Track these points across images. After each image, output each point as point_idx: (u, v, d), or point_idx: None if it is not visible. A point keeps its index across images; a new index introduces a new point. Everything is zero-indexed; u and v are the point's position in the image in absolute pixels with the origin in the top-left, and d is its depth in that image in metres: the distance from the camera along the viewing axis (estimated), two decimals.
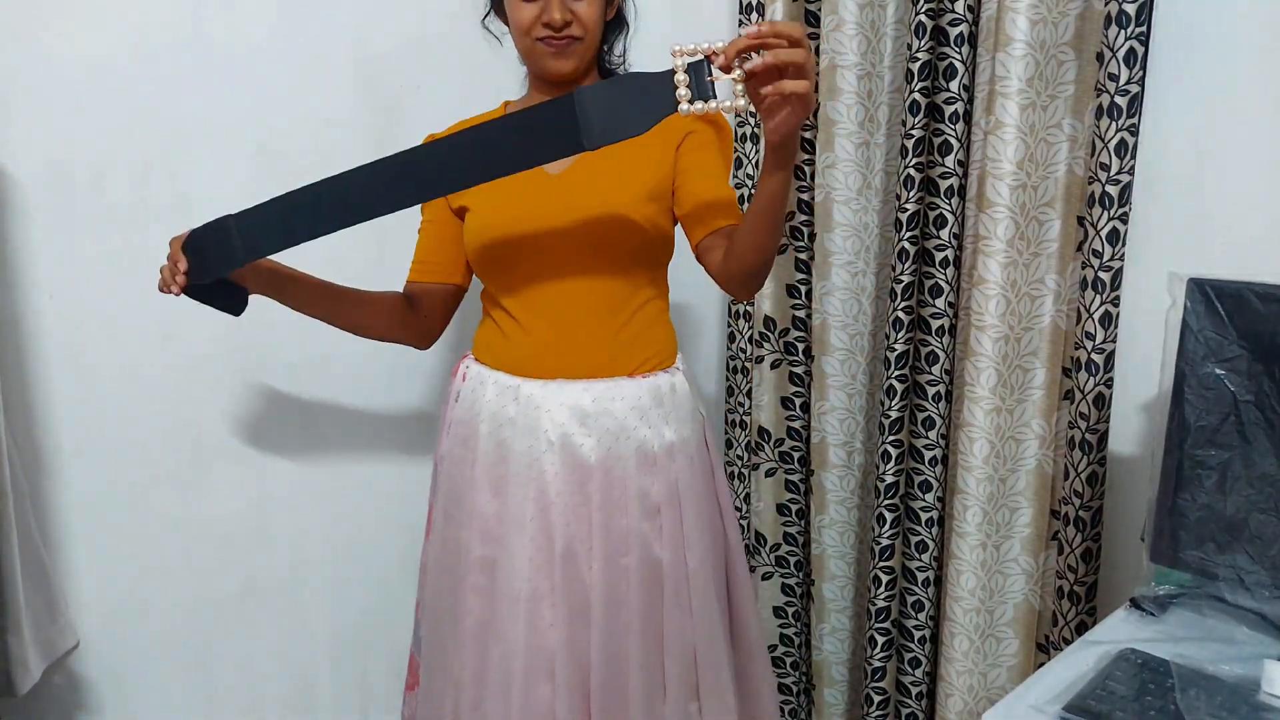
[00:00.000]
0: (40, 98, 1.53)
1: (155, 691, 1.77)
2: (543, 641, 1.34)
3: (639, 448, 1.36)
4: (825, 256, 1.79)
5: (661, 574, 1.37)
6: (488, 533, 1.38)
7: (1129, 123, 1.39)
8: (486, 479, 1.38)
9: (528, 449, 1.35)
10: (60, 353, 1.60)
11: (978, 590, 1.61)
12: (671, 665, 1.38)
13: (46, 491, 1.62)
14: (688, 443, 1.41)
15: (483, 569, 1.38)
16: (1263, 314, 1.12)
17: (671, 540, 1.38)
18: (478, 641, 1.38)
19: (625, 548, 1.35)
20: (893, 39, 1.70)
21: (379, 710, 2.03)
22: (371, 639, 2.00)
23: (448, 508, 1.44)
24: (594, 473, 1.35)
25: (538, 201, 1.36)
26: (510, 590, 1.35)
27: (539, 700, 1.34)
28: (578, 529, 1.35)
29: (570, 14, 1.31)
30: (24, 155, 1.52)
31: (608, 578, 1.34)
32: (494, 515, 1.38)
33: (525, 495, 1.35)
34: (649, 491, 1.37)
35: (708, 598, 1.41)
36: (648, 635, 1.37)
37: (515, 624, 1.34)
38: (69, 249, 1.58)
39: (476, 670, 1.38)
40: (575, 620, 1.34)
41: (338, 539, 1.92)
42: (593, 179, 1.36)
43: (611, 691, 1.35)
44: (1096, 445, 1.49)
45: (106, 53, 1.56)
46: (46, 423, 1.61)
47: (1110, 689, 1.07)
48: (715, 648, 1.43)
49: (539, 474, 1.35)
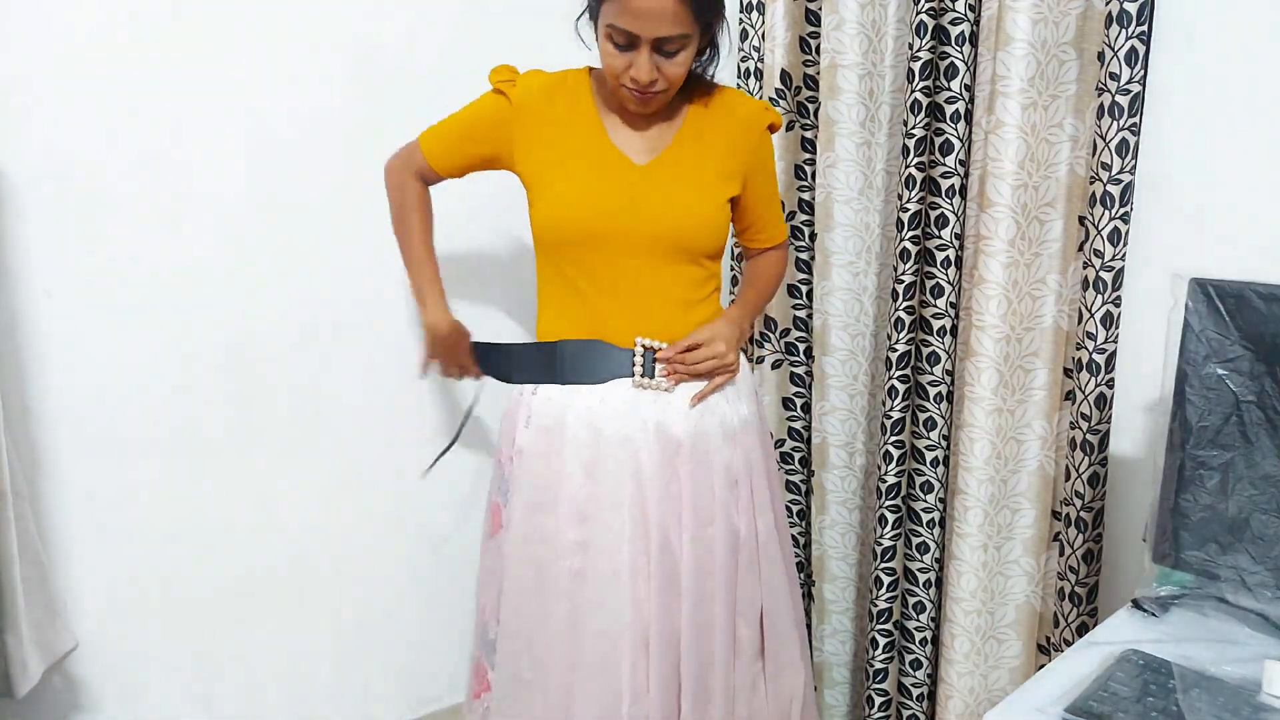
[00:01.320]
0: (40, 98, 1.53)
1: (155, 692, 1.77)
2: (642, 615, 1.38)
3: (722, 422, 1.45)
4: (826, 256, 1.78)
5: (738, 542, 1.46)
6: (581, 515, 1.41)
7: (1130, 122, 1.38)
8: (578, 462, 1.41)
9: (620, 430, 1.40)
10: (60, 353, 1.60)
11: (979, 591, 1.60)
12: (744, 627, 1.48)
13: (46, 492, 1.62)
14: (756, 417, 1.53)
15: (576, 552, 1.41)
16: (1265, 314, 1.12)
17: (746, 510, 1.47)
18: (570, 627, 1.41)
19: (710, 518, 1.43)
20: (894, 38, 1.70)
21: (379, 710, 2.03)
22: (372, 639, 2.00)
23: (533, 498, 1.44)
24: (683, 448, 1.42)
25: (618, 188, 1.40)
26: (609, 569, 1.39)
27: (639, 673, 1.38)
28: (670, 504, 1.41)
29: (658, 73, 1.32)
30: (24, 155, 1.52)
31: (696, 548, 1.41)
32: (588, 498, 1.41)
33: (621, 474, 1.39)
34: (731, 464, 1.46)
35: (775, 563, 1.51)
36: (729, 602, 1.45)
37: (618, 600, 1.38)
38: (69, 249, 1.58)
39: (568, 656, 1.41)
40: (668, 592, 1.39)
41: (338, 539, 1.92)
42: (680, 172, 1.41)
43: (699, 657, 1.42)
44: (1098, 446, 1.48)
45: (106, 52, 1.56)
46: (46, 423, 1.60)
47: (1112, 690, 1.06)
48: (782, 610, 1.53)
49: (633, 453, 1.40)
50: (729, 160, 1.45)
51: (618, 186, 1.40)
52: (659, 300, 1.43)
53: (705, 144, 1.44)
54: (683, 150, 1.43)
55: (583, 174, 1.40)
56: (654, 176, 1.41)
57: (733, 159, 1.46)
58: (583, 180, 1.40)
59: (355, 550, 1.95)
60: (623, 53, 1.31)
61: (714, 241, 1.45)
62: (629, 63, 1.32)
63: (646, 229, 1.39)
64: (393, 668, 2.04)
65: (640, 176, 1.40)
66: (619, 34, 1.29)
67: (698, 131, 1.44)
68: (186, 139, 1.65)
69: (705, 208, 1.42)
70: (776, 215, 1.60)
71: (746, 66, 1.86)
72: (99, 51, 1.56)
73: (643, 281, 1.42)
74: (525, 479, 1.45)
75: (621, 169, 1.40)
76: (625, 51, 1.31)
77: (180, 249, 1.68)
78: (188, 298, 1.69)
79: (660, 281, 1.42)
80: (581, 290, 1.43)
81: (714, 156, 1.44)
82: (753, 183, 1.49)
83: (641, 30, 1.28)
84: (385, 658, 2.02)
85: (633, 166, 1.41)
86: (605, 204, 1.39)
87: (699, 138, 1.44)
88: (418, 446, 1.93)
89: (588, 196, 1.39)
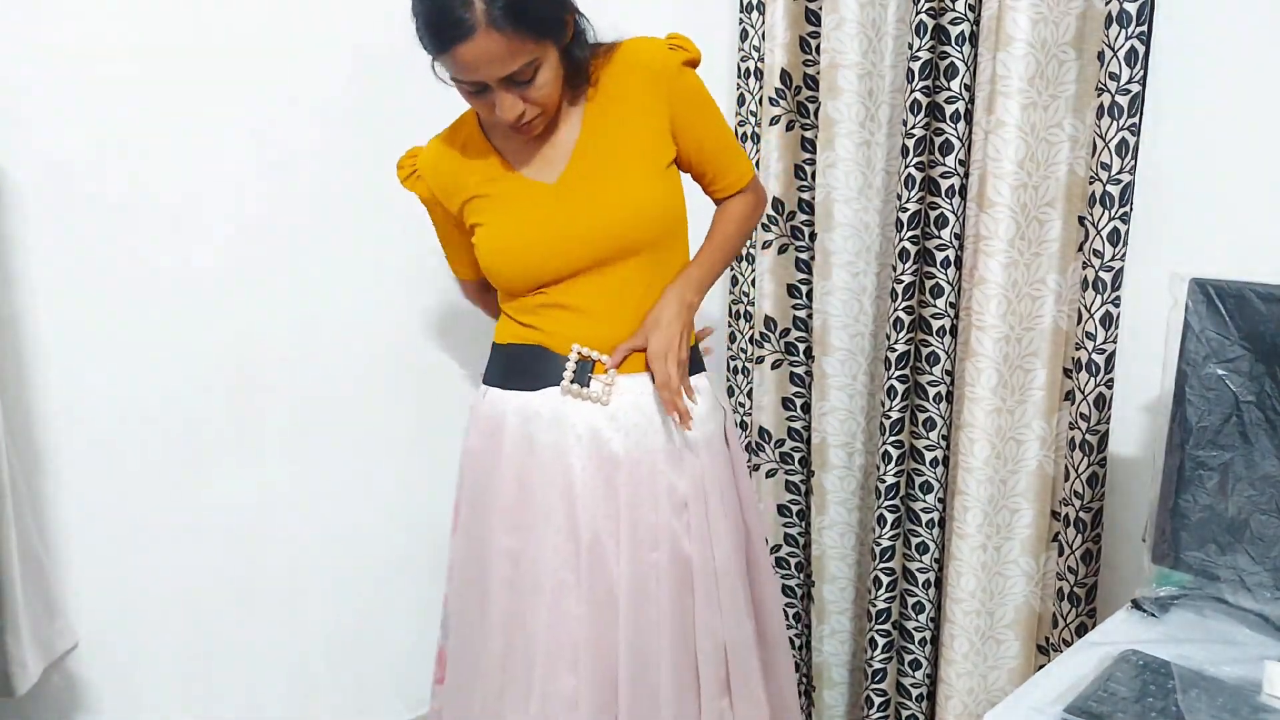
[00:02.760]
0: (40, 98, 1.53)
1: (155, 691, 1.77)
2: (566, 632, 1.34)
3: (667, 441, 1.38)
4: (826, 256, 1.78)
5: (691, 571, 1.38)
6: (513, 524, 1.38)
7: (1130, 122, 1.38)
8: (512, 471, 1.38)
9: (554, 442, 1.36)
10: (60, 353, 1.60)
11: (978, 592, 1.60)
12: (704, 664, 1.39)
13: (46, 491, 1.62)
14: (712, 437, 1.43)
15: (508, 560, 1.38)
16: (1264, 314, 1.12)
17: (699, 536, 1.39)
18: (503, 632, 1.38)
19: (654, 542, 1.36)
20: (894, 38, 1.70)
21: (378, 710, 2.03)
22: (370, 638, 2.00)
23: (473, 500, 1.44)
24: (622, 466, 1.36)
25: (540, 221, 1.34)
26: (535, 581, 1.35)
27: (561, 690, 1.33)
28: (604, 522, 1.35)
29: (523, 104, 1.25)
30: (24, 155, 1.52)
31: (635, 572, 1.35)
32: (519, 507, 1.38)
33: (551, 487, 1.36)
34: (677, 486, 1.38)
35: (735, 593, 1.42)
36: (678, 634, 1.37)
37: (538, 614, 1.34)
38: (69, 249, 1.58)
39: (501, 660, 1.39)
40: (601, 613, 1.34)
41: (337, 539, 1.92)
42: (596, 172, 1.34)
43: (640, 688, 1.35)
44: (1097, 446, 1.48)
45: (106, 52, 1.56)
46: (46, 423, 1.60)
47: (1111, 690, 1.06)
48: (744, 642, 1.44)
49: (566, 467, 1.35)
50: (650, 121, 1.34)
51: (537, 220, 1.34)
52: (619, 301, 1.37)
53: (617, 120, 1.33)
54: (593, 145, 1.34)
55: (502, 220, 1.35)
56: (567, 191, 1.34)
57: (653, 117, 1.34)
58: (506, 227, 1.35)
59: (355, 550, 1.95)
60: (481, 97, 1.25)
61: (660, 223, 1.36)
62: (492, 104, 1.25)
63: (584, 248, 1.33)
64: (391, 668, 2.04)
65: (554, 198, 1.34)
66: (465, 85, 1.24)
67: (603, 111, 1.34)
68: (188, 140, 1.65)
69: (637, 193, 1.34)
70: (732, 156, 1.44)
71: (746, 66, 1.86)
72: (102, 53, 1.56)
73: (609, 290, 1.36)
74: (469, 479, 1.45)
75: (534, 198, 1.34)
76: (483, 95, 1.24)
77: (181, 250, 1.68)
78: (188, 298, 1.69)
79: (615, 283, 1.36)
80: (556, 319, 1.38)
81: (631, 128, 1.34)
82: (687, 127, 1.37)
83: (483, 77, 1.20)
84: (384, 658, 2.02)
85: (544, 190, 1.34)
86: (533, 244, 1.34)
87: (607, 117, 1.34)
88: (417, 448, 1.93)
89: (516, 243, 1.34)
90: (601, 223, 1.33)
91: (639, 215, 1.35)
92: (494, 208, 1.36)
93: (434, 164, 1.42)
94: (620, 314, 1.37)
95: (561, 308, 1.37)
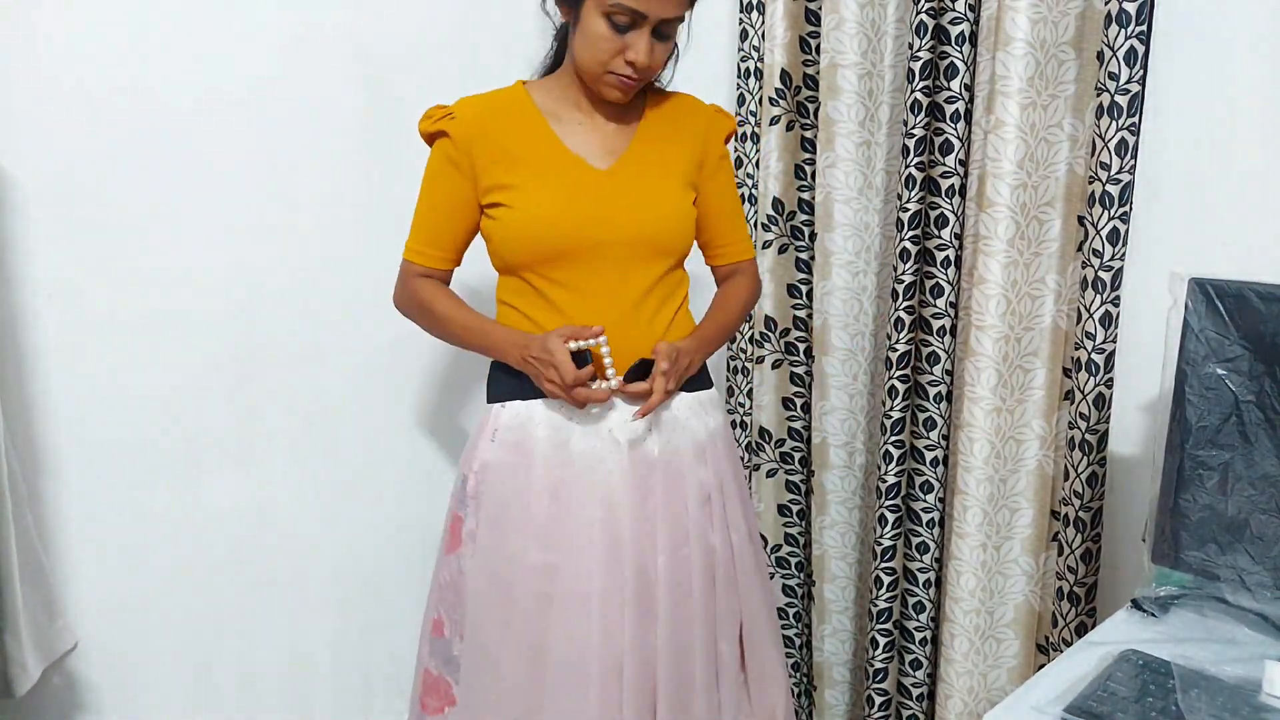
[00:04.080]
0: (40, 98, 1.53)
1: (155, 691, 1.77)
2: (615, 641, 1.34)
3: (693, 438, 1.41)
4: (826, 256, 1.78)
5: (715, 560, 1.41)
6: (547, 538, 1.35)
7: (1129, 122, 1.38)
8: (545, 483, 1.35)
9: (591, 449, 1.35)
10: (60, 353, 1.60)
11: (978, 591, 1.60)
12: (725, 644, 1.43)
13: (46, 492, 1.62)
14: (724, 429, 1.48)
15: (541, 575, 1.35)
16: (1264, 314, 1.12)
17: (720, 525, 1.42)
18: (533, 649, 1.35)
19: (685, 537, 1.38)
20: (894, 38, 1.70)
21: (379, 710, 2.03)
22: (372, 639, 2.00)
23: (495, 518, 1.38)
24: (656, 467, 1.37)
25: (587, 196, 1.35)
26: (579, 592, 1.33)
27: (610, 700, 1.34)
28: (644, 525, 1.36)
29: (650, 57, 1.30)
30: (24, 155, 1.52)
31: (672, 570, 1.36)
32: (553, 519, 1.35)
33: (590, 496, 1.34)
34: (703, 481, 1.41)
35: (750, 574, 1.46)
36: (708, 622, 1.40)
37: (587, 625, 1.33)
38: (69, 249, 1.58)
39: (531, 678, 1.35)
40: (644, 618, 1.35)
41: (338, 539, 1.92)
42: (643, 173, 1.38)
43: (678, 682, 1.37)
44: (1097, 446, 1.48)
45: (109, 52, 1.56)
46: (46, 423, 1.61)
47: (1111, 690, 1.06)
48: (760, 621, 1.49)
49: (605, 474, 1.35)
50: (688, 153, 1.42)
51: (585, 195, 1.35)
52: (630, 303, 1.37)
53: (663, 146, 1.41)
54: (642, 151, 1.39)
55: (547, 188, 1.34)
56: (618, 179, 1.37)
57: (692, 150, 1.43)
58: (549, 194, 1.34)
59: (355, 551, 1.95)
60: (620, 35, 1.27)
61: (684, 239, 1.42)
62: (623, 46, 1.27)
63: (619, 234, 1.35)
64: (392, 668, 2.04)
65: (604, 181, 1.36)
66: (623, 13, 1.25)
67: (654, 133, 1.41)
68: (188, 138, 1.65)
69: (673, 206, 1.39)
70: (741, 225, 1.53)
71: (746, 66, 1.86)
72: (101, 51, 1.56)
73: (616, 286, 1.36)
74: (490, 495, 1.39)
75: (585, 176, 1.36)
76: (623, 34, 1.27)
77: (181, 249, 1.68)
78: (188, 298, 1.69)
79: (632, 284, 1.37)
80: (553, 301, 1.37)
81: (675, 150, 1.41)
82: (711, 189, 1.46)
83: (650, 10, 1.25)
84: (385, 658, 2.02)
85: (595, 172, 1.36)
86: (575, 215, 1.34)
87: (656, 139, 1.41)
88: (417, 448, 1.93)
89: (556, 210, 1.34)
90: (647, 216, 1.37)
91: (678, 222, 1.40)
92: (541, 175, 1.35)
93: (476, 116, 1.38)
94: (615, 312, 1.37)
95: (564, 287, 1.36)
